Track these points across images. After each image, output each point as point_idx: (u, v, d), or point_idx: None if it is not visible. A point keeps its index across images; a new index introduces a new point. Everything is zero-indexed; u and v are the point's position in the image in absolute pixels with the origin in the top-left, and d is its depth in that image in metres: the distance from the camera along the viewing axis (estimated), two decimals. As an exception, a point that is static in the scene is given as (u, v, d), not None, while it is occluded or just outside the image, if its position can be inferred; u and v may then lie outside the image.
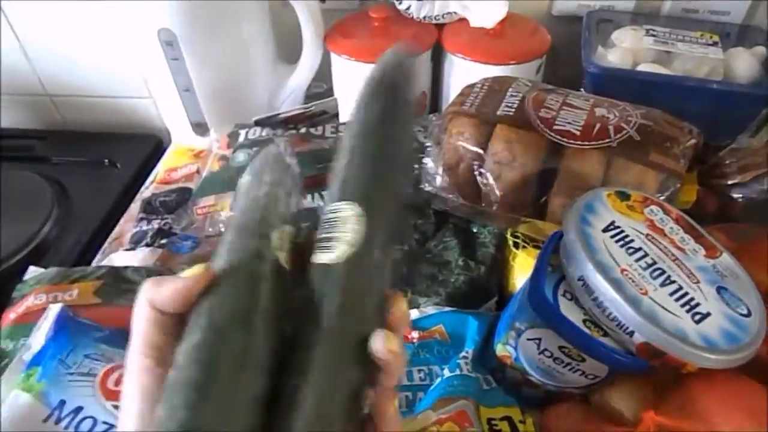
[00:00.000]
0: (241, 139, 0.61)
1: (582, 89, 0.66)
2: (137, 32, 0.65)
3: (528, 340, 0.44)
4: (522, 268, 0.55)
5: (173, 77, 0.67)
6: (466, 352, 0.48)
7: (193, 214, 0.57)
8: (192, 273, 0.25)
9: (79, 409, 0.37)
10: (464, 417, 0.42)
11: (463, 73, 0.67)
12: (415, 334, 0.50)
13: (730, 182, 0.51)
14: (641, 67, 0.66)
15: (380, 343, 0.25)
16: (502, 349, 0.48)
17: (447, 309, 0.52)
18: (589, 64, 0.63)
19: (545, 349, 0.44)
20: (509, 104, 0.52)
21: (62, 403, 0.37)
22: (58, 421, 0.36)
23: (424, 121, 0.59)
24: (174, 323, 0.25)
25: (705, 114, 0.56)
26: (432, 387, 0.46)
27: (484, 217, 0.56)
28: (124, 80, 0.85)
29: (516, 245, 0.57)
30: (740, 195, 0.51)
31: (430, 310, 0.52)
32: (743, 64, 0.65)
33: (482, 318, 0.51)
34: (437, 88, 0.75)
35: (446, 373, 0.46)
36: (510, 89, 0.54)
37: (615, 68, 0.64)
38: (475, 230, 0.60)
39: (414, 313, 0.51)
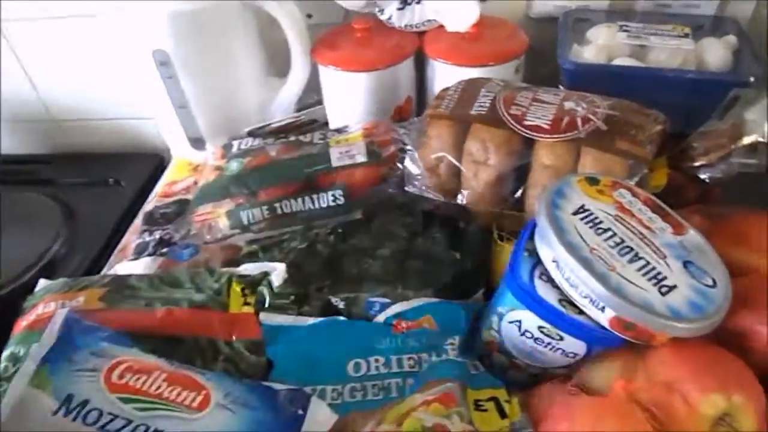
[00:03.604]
0: (235, 149, 0.64)
1: (560, 87, 0.69)
2: (133, 54, 0.69)
3: (509, 323, 0.46)
4: (506, 259, 0.57)
5: (169, 95, 0.70)
6: (454, 339, 0.50)
7: (191, 223, 0.60)
8: None
9: (85, 402, 0.39)
10: (451, 398, 0.43)
11: (444, 76, 0.69)
12: (404, 324, 0.52)
13: (697, 164, 0.53)
14: (616, 62, 0.68)
15: None
16: (487, 335, 0.50)
17: (435, 300, 0.54)
18: (564, 61, 0.66)
19: (526, 331, 0.46)
20: (482, 104, 0.55)
21: (70, 397, 0.39)
22: (67, 413, 0.39)
23: (410, 125, 0.62)
24: None
25: (680, 103, 0.58)
26: (420, 372, 0.48)
27: (467, 214, 0.58)
28: (126, 102, 0.89)
29: (501, 238, 0.59)
30: (707, 176, 0.53)
31: (419, 301, 0.54)
32: (714, 53, 0.68)
33: (470, 308, 0.53)
34: (422, 93, 0.78)
35: (434, 359, 0.48)
36: (483, 89, 0.57)
37: (589, 63, 0.66)
38: (462, 226, 0.62)
39: (403, 305, 0.53)
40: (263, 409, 0.42)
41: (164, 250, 0.63)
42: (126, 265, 0.62)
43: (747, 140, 0.50)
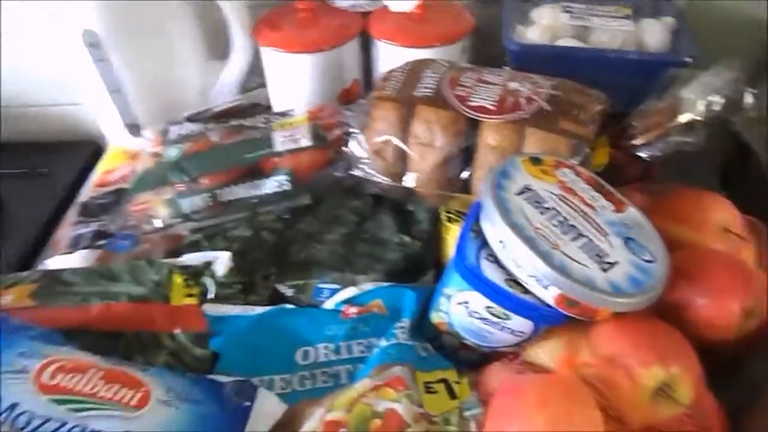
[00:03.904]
0: (173, 135, 0.61)
1: (506, 67, 0.69)
2: (61, 35, 0.65)
3: (458, 304, 0.46)
4: (455, 240, 0.57)
5: (102, 79, 0.66)
6: (403, 322, 0.50)
7: (128, 213, 0.57)
8: None
9: (14, 405, 0.37)
10: (400, 381, 0.43)
11: (391, 58, 0.68)
12: (353, 310, 0.51)
13: (636, 143, 0.54)
14: (559, 43, 0.69)
15: None
16: (436, 317, 0.50)
17: (384, 284, 0.53)
18: (509, 42, 0.66)
19: (474, 311, 0.46)
20: (427, 85, 0.54)
21: (-4, 401, 0.37)
22: (-7, 419, 0.36)
23: (356, 107, 0.61)
24: None
25: (621, 83, 0.59)
26: (369, 357, 0.47)
27: (414, 197, 0.58)
28: (56, 86, 0.84)
29: (449, 219, 0.59)
30: (646, 154, 0.54)
31: (368, 286, 0.53)
32: (654, 34, 0.69)
33: (419, 290, 0.53)
34: (369, 75, 0.77)
35: (383, 343, 0.48)
36: (428, 70, 0.56)
37: (533, 44, 0.67)
38: (410, 208, 0.62)
39: (352, 291, 0.53)
40: (207, 402, 0.41)
41: (101, 242, 0.60)
42: (59, 260, 0.58)
43: (683, 119, 0.51)
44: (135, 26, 0.65)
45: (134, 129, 0.71)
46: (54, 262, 0.58)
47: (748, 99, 0.49)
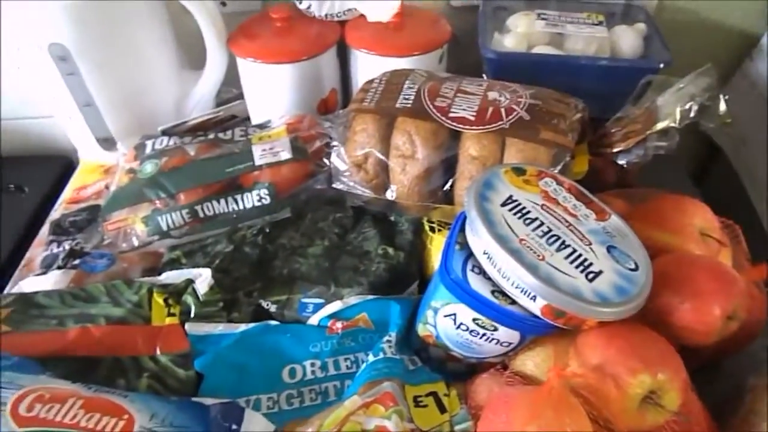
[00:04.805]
0: (148, 150, 0.60)
1: (484, 75, 0.69)
2: (28, 48, 0.63)
3: (445, 316, 0.46)
4: (439, 250, 0.56)
5: (71, 93, 0.65)
6: (390, 336, 0.49)
7: (103, 231, 0.56)
8: None
9: (-11, 440, 0.36)
10: (389, 397, 0.43)
11: (368, 67, 0.68)
12: (339, 325, 0.51)
13: (615, 150, 0.54)
14: (536, 50, 0.69)
15: None
16: (423, 329, 0.49)
17: (370, 297, 0.53)
18: (486, 50, 0.66)
19: (461, 323, 0.46)
20: (407, 96, 0.54)
21: (-30, 436, 0.35)
22: (-33, 456, 0.35)
23: (335, 119, 0.60)
24: None
25: (596, 89, 0.60)
26: (358, 373, 0.47)
27: (397, 209, 0.57)
28: (26, 100, 0.82)
29: (432, 229, 0.59)
30: (624, 161, 0.55)
31: (353, 300, 0.53)
32: (626, 40, 0.70)
33: (404, 302, 0.53)
34: (347, 85, 0.76)
35: (371, 358, 0.47)
36: (407, 81, 0.56)
37: (509, 52, 0.67)
38: (393, 219, 0.61)
39: (337, 305, 0.52)
40: (194, 427, 0.40)
41: (76, 261, 0.58)
42: (32, 281, 0.56)
43: (660, 125, 0.52)
44: (104, 37, 0.64)
45: (107, 143, 0.69)
46: (28, 284, 0.56)
47: (722, 106, 0.50)
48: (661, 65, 0.64)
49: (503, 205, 0.44)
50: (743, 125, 0.93)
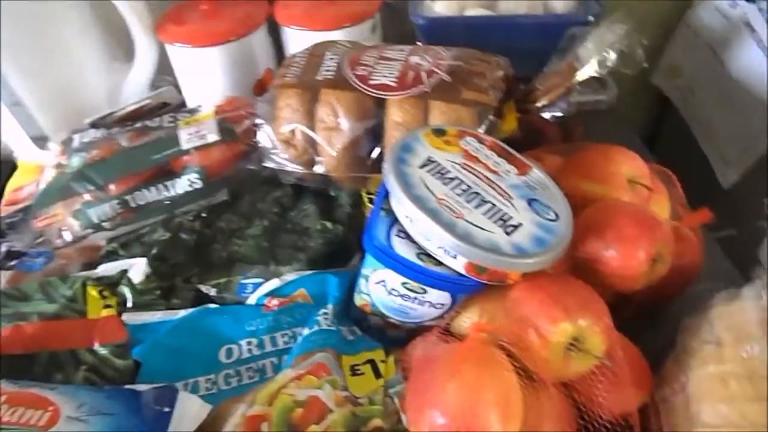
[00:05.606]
0: (76, 143, 0.59)
1: (419, 43, 0.69)
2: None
3: (376, 283, 0.46)
4: (378, 220, 0.57)
5: (-2, 93, 0.63)
6: (327, 308, 0.49)
7: (34, 229, 0.55)
8: None
9: None
10: (322, 368, 0.43)
11: (300, 44, 0.66)
12: (275, 302, 0.51)
13: (540, 104, 0.54)
14: (467, 13, 0.69)
15: None
16: (359, 299, 0.49)
17: (307, 272, 0.53)
18: (416, 16, 0.66)
19: (392, 289, 0.46)
20: (328, 68, 0.53)
21: None
22: None
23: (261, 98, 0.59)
24: None
25: (531, 47, 0.60)
26: (292, 347, 0.47)
27: (331, 182, 0.57)
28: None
29: (371, 201, 0.58)
30: (550, 114, 0.54)
31: (291, 276, 0.52)
32: (559, -3, 0.70)
33: (342, 275, 0.53)
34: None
35: (305, 331, 0.47)
36: (328, 53, 0.55)
37: (438, 17, 0.67)
38: (333, 194, 0.61)
39: (275, 283, 0.52)
40: (123, 414, 0.40)
41: (12, 263, 0.57)
42: (-30, 285, 0.56)
43: (580, 76, 0.52)
44: (27, 33, 0.62)
45: (41, 141, 0.68)
46: (-37, 288, 0.55)
47: (639, 51, 0.50)
48: (591, 18, 0.64)
49: (422, 167, 0.44)
50: (691, 75, 0.93)
